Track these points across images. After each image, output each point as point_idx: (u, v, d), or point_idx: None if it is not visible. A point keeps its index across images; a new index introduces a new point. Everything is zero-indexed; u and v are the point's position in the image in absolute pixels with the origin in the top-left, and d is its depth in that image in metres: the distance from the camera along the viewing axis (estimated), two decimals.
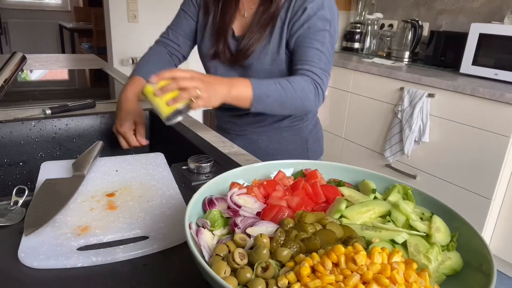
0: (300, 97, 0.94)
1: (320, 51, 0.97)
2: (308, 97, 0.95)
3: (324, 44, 0.97)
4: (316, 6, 0.96)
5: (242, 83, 0.89)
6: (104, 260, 0.52)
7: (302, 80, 0.94)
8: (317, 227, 0.49)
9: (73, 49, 6.25)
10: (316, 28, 0.97)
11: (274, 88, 0.91)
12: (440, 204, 0.55)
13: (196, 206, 0.54)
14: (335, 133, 2.71)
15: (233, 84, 0.87)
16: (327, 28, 0.98)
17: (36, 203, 0.63)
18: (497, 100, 1.80)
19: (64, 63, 1.99)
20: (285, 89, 0.92)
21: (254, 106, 0.89)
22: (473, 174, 1.94)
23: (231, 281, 0.40)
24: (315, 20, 0.96)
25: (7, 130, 0.97)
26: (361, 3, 3.08)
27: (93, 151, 0.81)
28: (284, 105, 0.94)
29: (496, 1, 2.34)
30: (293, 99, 0.93)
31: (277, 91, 0.91)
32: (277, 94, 0.91)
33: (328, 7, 0.98)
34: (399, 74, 2.20)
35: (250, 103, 0.89)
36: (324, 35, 0.97)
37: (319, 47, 0.97)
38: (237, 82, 0.88)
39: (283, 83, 0.92)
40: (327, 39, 0.98)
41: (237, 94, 0.87)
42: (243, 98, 0.88)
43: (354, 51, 2.99)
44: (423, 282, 0.40)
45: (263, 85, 0.90)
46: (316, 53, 0.97)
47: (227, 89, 0.85)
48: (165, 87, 0.79)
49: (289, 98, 0.92)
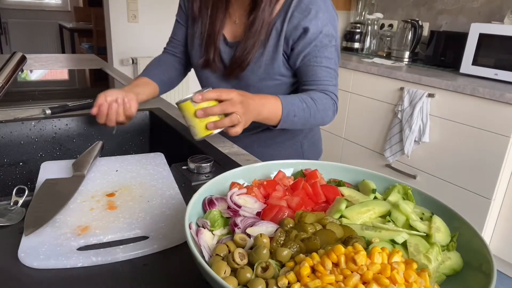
0: (322, 115, 0.96)
1: (330, 69, 0.97)
2: (328, 114, 0.98)
3: (332, 60, 0.97)
4: (321, 23, 0.93)
5: (273, 103, 0.89)
6: (104, 260, 0.52)
7: (324, 98, 0.96)
8: (317, 227, 0.49)
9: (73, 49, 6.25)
10: (323, 46, 0.95)
11: (301, 107, 0.91)
12: (440, 204, 0.55)
13: (196, 206, 0.54)
14: (335, 133, 2.71)
15: (264, 104, 0.87)
16: (333, 44, 0.97)
17: (36, 203, 0.63)
18: (497, 100, 1.80)
19: (64, 63, 1.99)
20: (310, 108, 0.93)
21: (281, 124, 0.91)
22: (473, 174, 1.94)
23: (231, 281, 0.40)
24: (322, 38, 0.94)
25: (7, 130, 0.97)
26: (361, 3, 3.08)
27: (93, 151, 0.81)
28: (307, 123, 0.96)
29: (496, 1, 2.34)
30: (315, 118, 0.95)
31: (303, 111, 0.92)
32: (302, 113, 0.92)
33: (331, 23, 0.96)
34: (399, 74, 2.20)
35: (278, 121, 0.90)
36: (331, 51, 0.97)
37: (329, 64, 0.97)
38: (269, 101, 0.88)
39: (308, 102, 0.93)
40: (334, 54, 0.98)
41: (268, 114, 0.88)
42: (272, 118, 0.89)
43: (354, 51, 2.99)
44: (423, 282, 0.40)
45: (291, 103, 0.90)
46: (328, 71, 0.97)
47: (259, 110, 0.85)
48: (209, 110, 0.77)
49: (312, 117, 0.94)
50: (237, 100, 0.79)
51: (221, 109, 0.78)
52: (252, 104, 0.83)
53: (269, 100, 0.88)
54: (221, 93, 0.79)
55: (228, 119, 0.79)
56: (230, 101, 0.79)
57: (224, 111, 0.79)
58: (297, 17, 0.94)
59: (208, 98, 0.78)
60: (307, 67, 0.97)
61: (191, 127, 0.81)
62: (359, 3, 3.09)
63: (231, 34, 1.03)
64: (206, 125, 0.79)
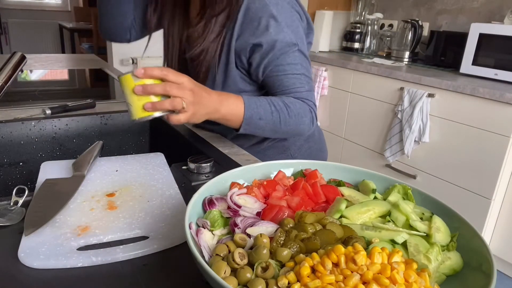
0: (295, 122, 0.87)
1: (298, 74, 0.88)
2: (303, 121, 0.88)
3: (298, 65, 0.88)
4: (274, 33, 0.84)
5: (234, 102, 0.80)
6: (104, 260, 0.52)
7: (298, 103, 0.87)
8: (317, 227, 0.49)
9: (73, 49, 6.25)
10: (282, 53, 0.86)
11: (268, 110, 0.83)
12: (440, 204, 0.55)
13: (196, 206, 0.54)
14: (335, 133, 2.71)
15: (222, 101, 0.78)
16: (295, 49, 0.88)
17: (36, 203, 0.63)
18: (497, 100, 1.80)
19: (64, 63, 1.99)
20: (280, 112, 0.84)
21: (243, 127, 0.82)
22: (473, 174, 1.94)
23: (231, 281, 0.40)
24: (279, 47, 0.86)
25: (7, 130, 0.97)
26: (361, 3, 3.08)
27: (93, 151, 0.81)
28: (277, 130, 0.86)
29: (496, 1, 2.34)
30: (288, 124, 0.86)
31: (271, 114, 0.83)
32: (270, 117, 0.83)
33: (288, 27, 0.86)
34: (399, 74, 2.20)
35: (239, 124, 0.81)
36: (294, 56, 0.88)
37: (295, 70, 0.88)
38: (228, 99, 0.80)
39: (278, 105, 0.84)
40: (298, 59, 0.88)
41: (226, 112, 0.79)
42: (232, 118, 0.80)
43: (354, 51, 2.99)
44: (423, 282, 0.40)
45: (256, 104, 0.82)
46: (295, 77, 0.88)
47: (215, 106, 0.77)
48: (149, 88, 0.68)
49: (283, 123, 0.85)
50: (187, 86, 0.71)
51: (163, 89, 0.69)
52: (206, 97, 0.75)
53: (229, 98, 0.80)
54: (168, 73, 0.69)
55: (169, 102, 0.69)
56: (178, 85, 0.70)
57: (166, 92, 0.69)
58: (246, 30, 0.86)
59: (152, 75, 0.69)
60: (271, 78, 0.89)
61: (128, 105, 0.71)
62: (359, 3, 3.09)
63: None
64: (143, 105, 0.69)
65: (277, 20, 0.85)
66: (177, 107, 0.70)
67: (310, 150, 1.10)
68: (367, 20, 2.93)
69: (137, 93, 0.68)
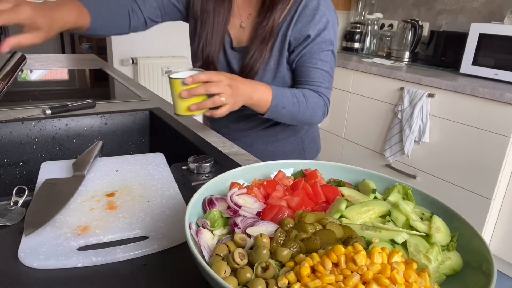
0: (310, 113, 0.97)
1: (324, 71, 0.99)
2: (317, 114, 0.99)
3: (327, 63, 0.99)
4: (321, 28, 0.96)
5: (264, 90, 0.90)
6: (104, 260, 0.52)
7: (315, 97, 0.97)
8: (317, 227, 0.49)
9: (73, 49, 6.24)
10: (319, 49, 0.97)
11: (291, 101, 0.93)
12: (440, 204, 0.55)
13: (196, 206, 0.54)
14: (335, 133, 2.71)
15: (256, 89, 0.88)
16: (330, 48, 0.98)
17: (36, 203, 0.63)
18: (497, 100, 1.80)
19: (64, 63, 1.99)
20: (300, 104, 0.94)
21: (268, 113, 0.92)
22: (473, 174, 1.94)
23: (231, 281, 0.40)
24: (319, 41, 0.96)
25: (7, 130, 0.97)
26: (361, 3, 3.08)
27: (93, 151, 0.81)
28: (294, 119, 0.97)
29: (496, 1, 2.34)
30: (304, 115, 0.96)
31: (293, 105, 0.93)
32: (291, 107, 0.93)
33: (332, 27, 0.98)
34: (399, 74, 2.20)
35: (266, 110, 0.91)
36: (327, 55, 0.98)
37: (323, 67, 0.98)
38: (259, 87, 0.89)
39: (300, 98, 0.94)
40: (329, 58, 0.99)
41: (257, 99, 0.88)
42: (261, 105, 0.90)
43: (354, 51, 2.99)
44: (423, 282, 0.40)
45: (282, 95, 0.92)
46: (321, 73, 0.98)
47: (250, 94, 0.86)
48: (193, 91, 0.78)
49: (301, 113, 0.95)
50: (225, 82, 0.80)
51: (205, 90, 0.79)
52: (242, 87, 0.84)
53: (260, 86, 0.90)
54: (211, 76, 0.79)
55: (211, 101, 0.80)
56: (217, 83, 0.79)
57: (208, 92, 0.79)
58: (301, 22, 0.95)
59: (198, 81, 0.78)
60: (301, 67, 0.99)
61: (174, 103, 0.82)
62: (359, 3, 3.09)
63: (236, 39, 1.02)
64: (188, 106, 0.80)
65: (327, 18, 0.96)
66: (218, 104, 0.80)
67: (313, 134, 1.20)
68: (367, 20, 2.93)
69: (184, 97, 0.79)
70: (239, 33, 1.02)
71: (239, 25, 1.02)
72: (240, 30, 1.02)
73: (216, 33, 1.00)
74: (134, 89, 1.45)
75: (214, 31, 1.00)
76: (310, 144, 1.18)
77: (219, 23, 1.00)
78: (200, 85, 0.79)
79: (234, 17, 1.02)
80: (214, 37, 1.00)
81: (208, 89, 0.79)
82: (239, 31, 1.02)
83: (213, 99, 0.80)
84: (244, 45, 1.01)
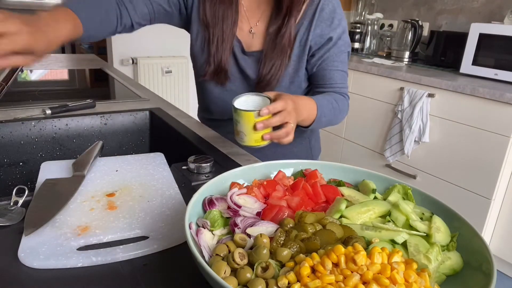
0: (341, 116, 1.00)
1: (344, 72, 1.01)
2: (343, 116, 1.02)
3: (346, 64, 1.01)
4: (341, 31, 0.97)
5: (310, 104, 0.89)
6: (104, 260, 0.52)
7: (342, 99, 1.00)
8: (317, 227, 0.49)
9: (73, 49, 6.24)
10: (340, 51, 0.99)
11: (329, 108, 0.94)
12: (440, 204, 0.55)
13: (196, 206, 0.54)
14: (335, 133, 2.71)
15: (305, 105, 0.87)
16: (348, 50, 1.01)
17: (36, 203, 0.63)
18: (497, 100, 1.80)
19: (64, 63, 1.99)
20: (334, 109, 0.96)
21: (313, 125, 0.92)
22: (473, 174, 1.94)
23: (231, 281, 0.40)
24: (340, 44, 0.98)
25: (7, 130, 0.97)
26: (361, 3, 3.08)
27: (93, 151, 0.81)
28: (330, 124, 0.98)
29: (496, 1, 2.34)
30: (337, 119, 0.99)
31: (330, 112, 0.94)
32: (330, 114, 0.94)
33: (347, 31, 1.01)
34: (399, 74, 2.20)
35: (311, 122, 0.91)
36: (345, 56, 1.01)
37: (344, 68, 1.01)
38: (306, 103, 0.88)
39: (333, 103, 0.95)
40: (346, 59, 1.02)
41: (306, 116, 0.88)
42: (308, 119, 0.90)
43: (354, 51, 2.99)
44: (423, 282, 0.40)
45: (323, 105, 0.92)
46: (342, 75, 1.01)
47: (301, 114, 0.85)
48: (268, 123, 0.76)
49: (335, 118, 0.98)
50: (291, 106, 0.79)
51: (280, 121, 0.77)
52: (301, 109, 0.84)
53: (306, 101, 0.89)
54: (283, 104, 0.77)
55: (284, 131, 0.79)
56: (287, 111, 0.78)
57: (283, 122, 0.78)
58: (320, 26, 0.96)
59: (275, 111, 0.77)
60: (324, 71, 0.99)
61: (242, 134, 0.80)
62: (359, 3, 3.09)
63: (246, 44, 1.00)
64: (262, 136, 0.78)
65: (343, 21, 0.98)
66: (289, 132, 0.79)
67: (316, 133, 1.21)
68: (367, 20, 2.93)
69: (259, 130, 0.76)
70: (248, 38, 1.00)
71: (247, 30, 1.00)
72: (249, 36, 1.00)
73: (227, 37, 0.98)
74: (134, 89, 1.45)
75: (224, 35, 0.98)
76: (316, 144, 1.20)
77: (228, 26, 0.97)
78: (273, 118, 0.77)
79: (242, 22, 1.00)
80: (224, 42, 0.98)
81: (283, 120, 0.77)
82: (248, 36, 1.00)
83: (286, 128, 0.78)
84: (256, 50, 0.99)
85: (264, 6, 0.98)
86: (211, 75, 1.01)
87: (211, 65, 1.00)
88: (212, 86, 1.05)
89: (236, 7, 0.97)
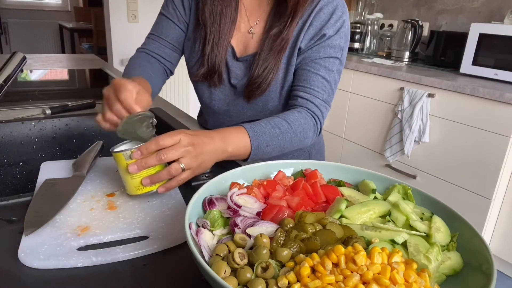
0: (300, 138, 0.85)
1: (326, 80, 0.88)
2: (307, 135, 0.87)
3: (332, 73, 0.88)
4: (332, 31, 0.87)
5: (238, 134, 0.75)
6: (104, 260, 0.52)
7: (301, 118, 0.85)
8: (317, 227, 0.49)
9: (73, 49, 6.25)
10: (326, 54, 0.88)
11: (273, 135, 0.79)
12: (440, 204, 0.55)
13: (196, 206, 0.54)
14: (335, 133, 2.71)
15: (227, 138, 0.73)
16: (338, 56, 0.89)
17: (36, 203, 0.63)
18: (497, 100, 1.80)
19: (64, 63, 1.99)
20: (284, 134, 0.81)
21: (251, 157, 0.79)
22: (473, 174, 1.94)
23: (231, 281, 0.40)
24: (328, 45, 0.87)
25: (7, 130, 0.97)
26: (361, 3, 3.08)
27: (93, 151, 0.81)
28: (283, 150, 0.84)
29: (496, 1, 2.34)
30: (292, 142, 0.84)
31: (276, 138, 0.80)
32: (276, 141, 0.80)
33: (344, 34, 0.89)
34: (399, 74, 2.20)
35: (248, 155, 0.78)
36: (333, 63, 0.88)
37: (326, 75, 0.88)
38: (231, 134, 0.74)
39: (282, 127, 0.81)
40: (336, 67, 0.89)
41: (233, 149, 0.73)
42: (240, 152, 0.76)
43: (354, 51, 2.99)
44: (423, 282, 0.40)
45: (262, 133, 0.78)
46: (322, 82, 0.88)
47: (221, 147, 0.71)
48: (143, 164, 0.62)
49: (288, 143, 0.83)
50: (184, 142, 0.64)
51: (158, 159, 0.62)
52: (209, 143, 0.68)
53: (231, 133, 0.74)
54: (164, 142, 0.63)
55: (166, 172, 0.64)
56: (173, 146, 0.64)
57: (162, 161, 0.63)
58: (314, 25, 0.88)
59: (150, 151, 0.63)
60: (301, 70, 0.89)
61: (124, 182, 0.66)
62: (359, 3, 3.09)
63: (242, 46, 0.94)
64: (141, 181, 0.64)
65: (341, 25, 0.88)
66: (173, 174, 0.64)
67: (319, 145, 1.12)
68: (367, 20, 2.93)
69: (132, 173, 0.63)
70: (247, 39, 0.94)
71: (247, 30, 0.94)
72: (248, 37, 0.94)
73: (223, 37, 0.92)
74: None
75: (221, 34, 0.92)
76: (317, 156, 1.10)
77: (226, 24, 0.91)
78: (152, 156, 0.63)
79: (242, 22, 0.94)
80: (220, 42, 0.92)
81: (161, 158, 0.62)
82: (247, 37, 0.94)
83: (168, 169, 0.63)
84: (251, 53, 0.93)
85: (265, 6, 0.93)
86: (204, 76, 0.96)
87: (204, 66, 0.94)
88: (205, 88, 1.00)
89: (236, 5, 0.93)
